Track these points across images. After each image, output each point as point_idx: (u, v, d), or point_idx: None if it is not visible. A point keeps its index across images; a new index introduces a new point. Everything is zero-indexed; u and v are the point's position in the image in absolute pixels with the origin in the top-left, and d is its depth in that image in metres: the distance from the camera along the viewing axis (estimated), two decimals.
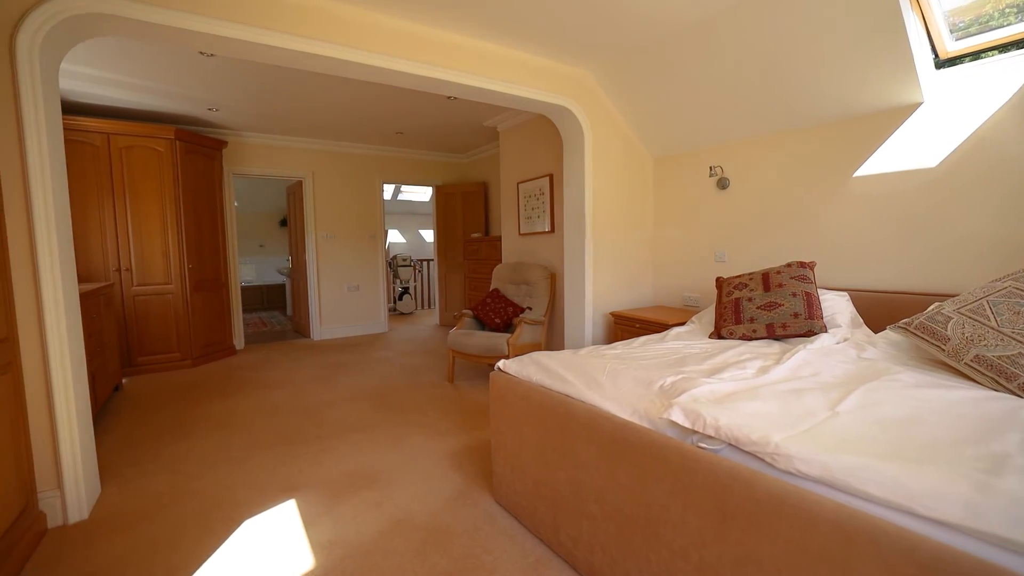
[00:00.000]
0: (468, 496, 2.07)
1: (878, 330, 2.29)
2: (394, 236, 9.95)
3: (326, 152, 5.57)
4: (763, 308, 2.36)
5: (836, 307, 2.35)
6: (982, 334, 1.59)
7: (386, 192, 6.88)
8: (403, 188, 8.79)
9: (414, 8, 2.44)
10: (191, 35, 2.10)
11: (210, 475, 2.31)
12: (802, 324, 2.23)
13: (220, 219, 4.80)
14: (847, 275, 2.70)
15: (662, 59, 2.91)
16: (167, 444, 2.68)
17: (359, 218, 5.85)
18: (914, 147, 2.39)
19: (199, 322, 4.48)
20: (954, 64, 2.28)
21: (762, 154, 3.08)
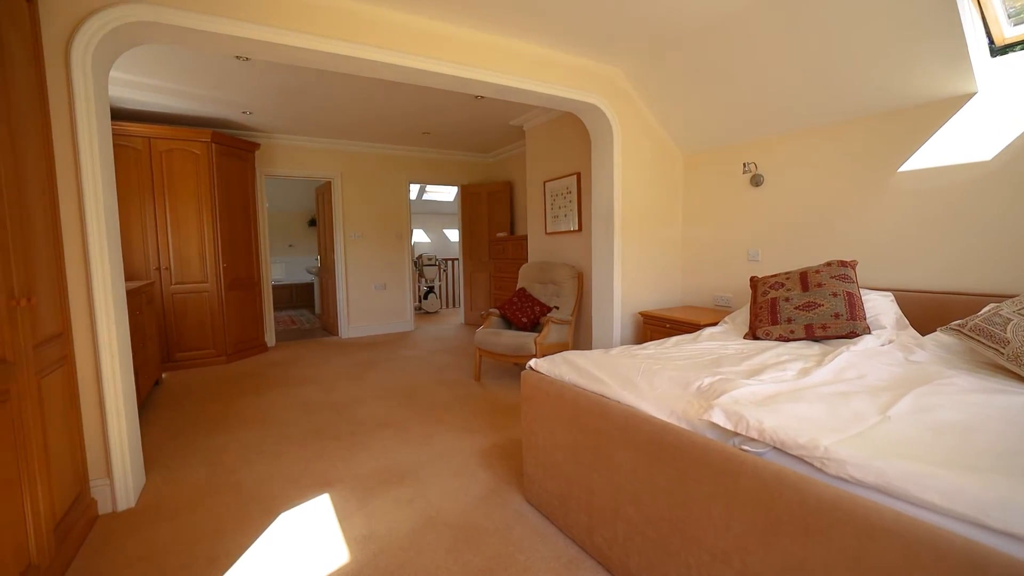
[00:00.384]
0: (498, 495, 2.07)
1: (925, 332, 2.19)
2: (418, 236, 10.06)
3: (354, 153, 5.66)
4: (801, 308, 2.29)
5: (880, 307, 2.26)
6: None
7: (411, 192, 6.95)
8: (427, 188, 8.87)
9: (444, 7, 2.45)
10: (229, 40, 2.16)
11: (247, 468, 2.37)
12: (843, 325, 2.15)
13: (253, 219, 4.94)
14: (891, 274, 2.59)
15: (694, 54, 2.84)
16: (206, 437, 2.77)
17: (386, 218, 5.93)
18: (967, 140, 2.27)
19: (233, 320, 4.62)
20: (1011, 51, 2.16)
21: (799, 149, 2.99)
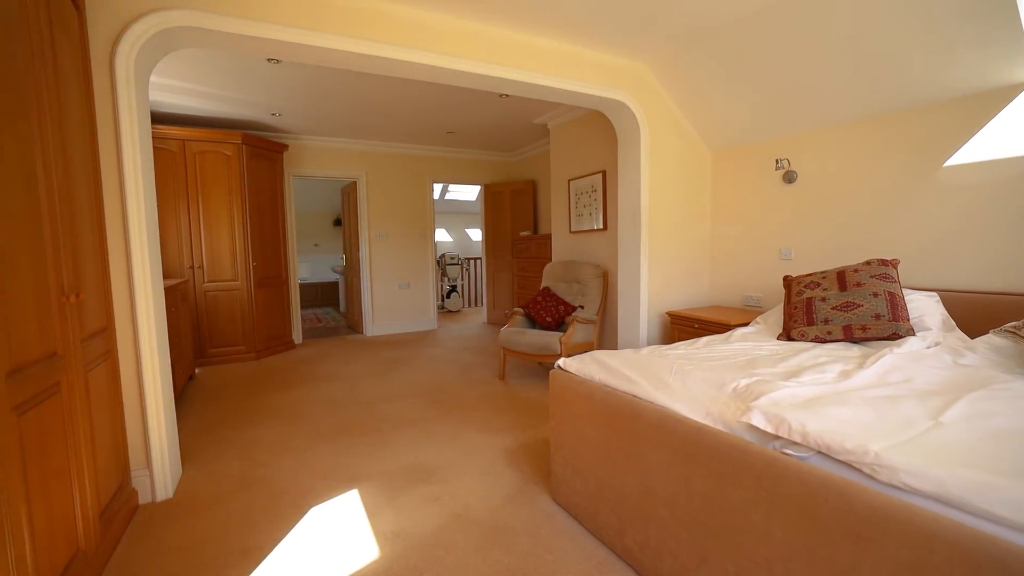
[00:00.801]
0: (526, 494, 2.06)
1: (974, 334, 2.09)
2: (440, 235, 10.12)
3: (379, 153, 5.73)
4: (839, 309, 2.21)
5: (924, 308, 2.17)
6: None
7: (434, 192, 7.01)
8: (449, 188, 8.91)
9: (472, 6, 2.45)
10: (264, 42, 2.20)
11: (278, 462, 2.42)
12: (885, 326, 2.07)
13: (281, 219, 5.05)
14: (935, 274, 2.48)
15: (724, 47, 2.78)
16: (238, 431, 2.84)
17: (410, 217, 5.98)
18: (1020, 131, 2.16)
19: (262, 317, 4.73)
20: None
21: (835, 144, 2.89)
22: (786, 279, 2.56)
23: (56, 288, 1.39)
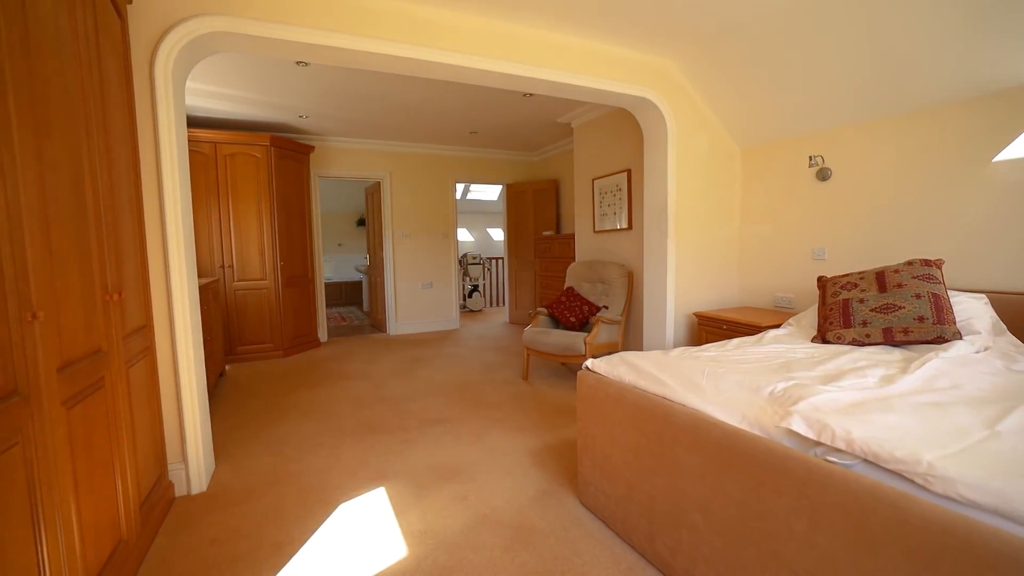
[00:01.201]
0: (552, 496, 2.05)
1: None
2: (462, 235, 10.16)
3: (403, 154, 5.78)
4: (878, 311, 2.13)
5: (972, 311, 2.06)
6: None
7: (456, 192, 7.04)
8: (471, 187, 8.94)
9: (498, 6, 2.44)
10: (292, 45, 2.24)
11: (307, 459, 2.46)
12: (929, 330, 1.98)
13: (307, 219, 5.14)
14: (983, 275, 2.36)
15: (755, 42, 2.70)
16: (267, 427, 2.90)
17: (433, 217, 6.02)
18: None
19: (289, 316, 4.83)
20: None
21: (872, 140, 2.78)
22: (820, 279, 2.48)
23: (101, 287, 1.44)
